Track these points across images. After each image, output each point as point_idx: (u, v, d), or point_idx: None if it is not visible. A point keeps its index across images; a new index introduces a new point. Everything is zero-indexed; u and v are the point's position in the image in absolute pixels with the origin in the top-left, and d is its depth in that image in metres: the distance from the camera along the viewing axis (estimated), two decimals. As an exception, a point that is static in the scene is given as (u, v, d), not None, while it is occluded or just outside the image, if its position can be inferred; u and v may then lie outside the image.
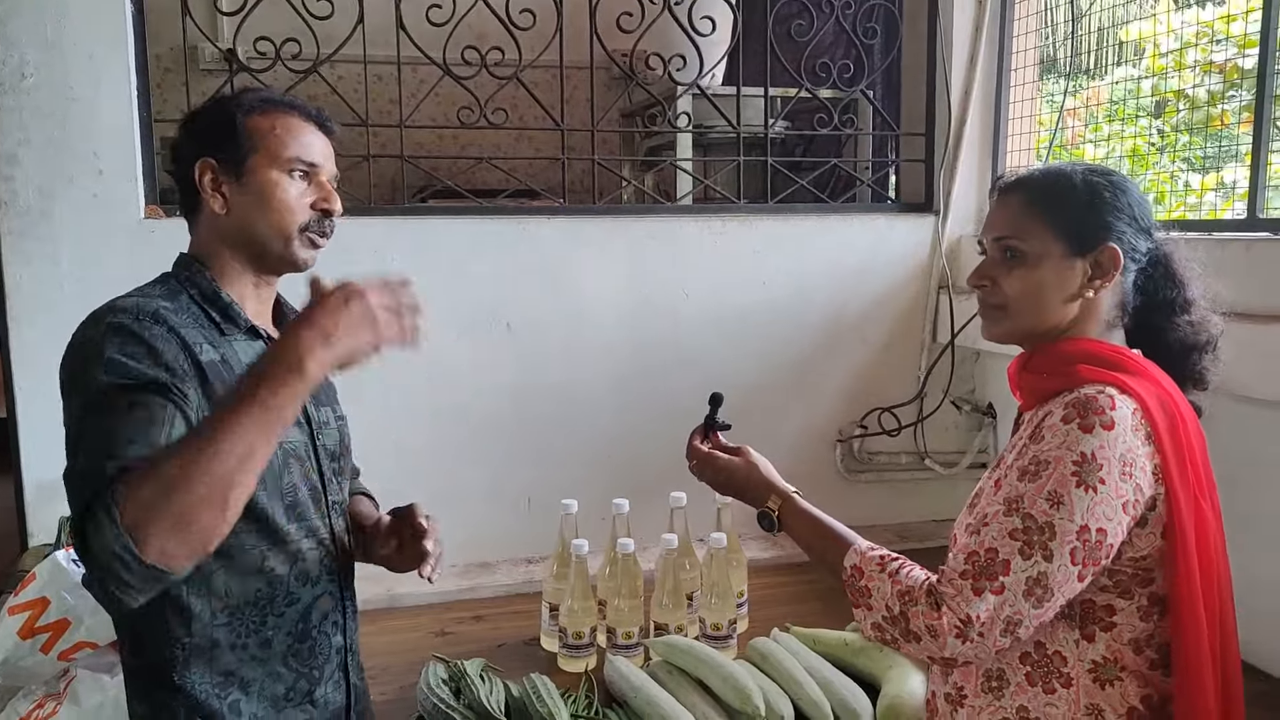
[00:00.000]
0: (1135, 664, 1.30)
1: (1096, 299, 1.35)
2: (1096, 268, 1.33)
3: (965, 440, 3.06)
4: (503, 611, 2.43)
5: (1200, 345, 1.37)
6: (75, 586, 1.85)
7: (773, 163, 2.93)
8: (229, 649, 1.34)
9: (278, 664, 1.38)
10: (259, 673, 1.36)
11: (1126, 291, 1.37)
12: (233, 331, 1.38)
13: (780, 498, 1.49)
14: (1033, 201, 1.37)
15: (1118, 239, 1.33)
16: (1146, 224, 1.36)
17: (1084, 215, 1.34)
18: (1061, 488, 1.22)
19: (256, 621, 1.36)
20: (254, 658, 1.36)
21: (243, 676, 1.35)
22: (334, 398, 1.57)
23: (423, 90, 2.69)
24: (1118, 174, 1.39)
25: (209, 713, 1.32)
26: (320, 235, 1.43)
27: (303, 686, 1.41)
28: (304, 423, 1.44)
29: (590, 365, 2.74)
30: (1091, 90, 3.18)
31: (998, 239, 1.38)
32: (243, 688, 1.35)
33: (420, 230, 2.60)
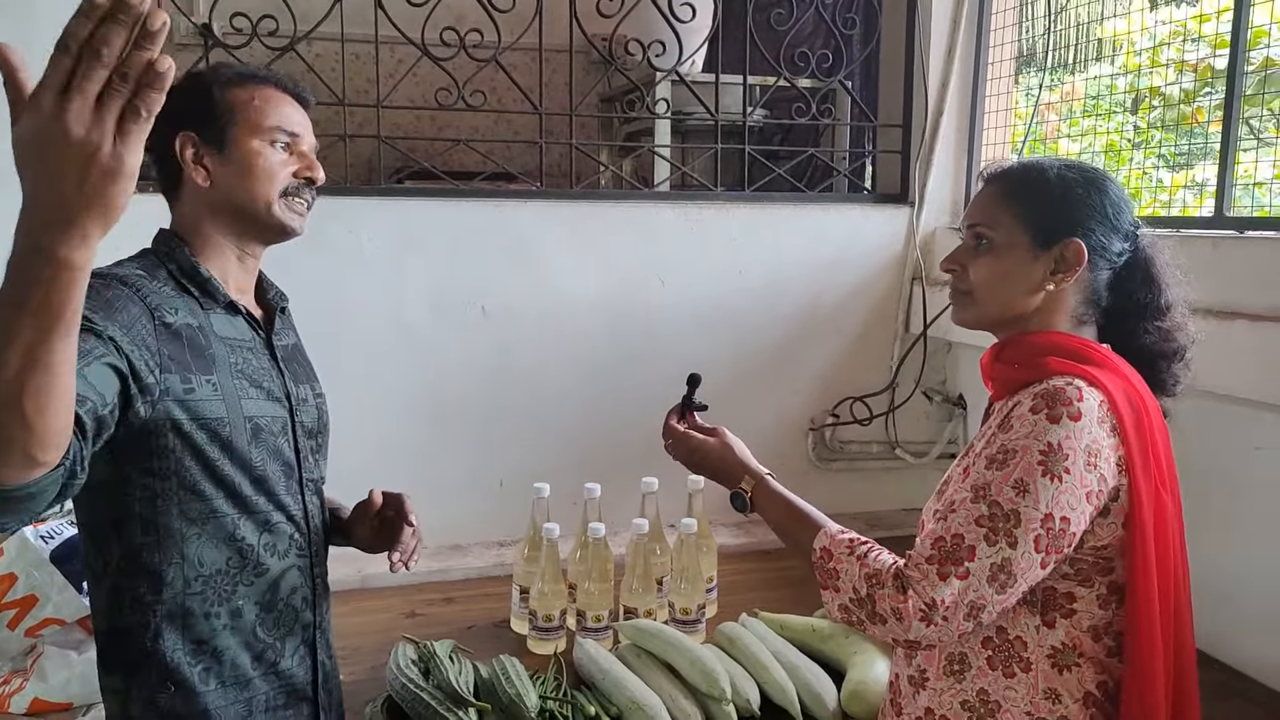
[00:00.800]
0: (1093, 650, 1.33)
1: (1061, 293, 1.37)
2: (1061, 262, 1.35)
3: (936, 430, 3.09)
4: (473, 594, 2.44)
5: (1170, 353, 1.39)
6: (43, 563, 1.84)
7: (750, 151, 2.94)
8: (201, 617, 1.35)
9: (247, 633, 1.40)
10: (230, 641, 1.38)
11: (1097, 289, 1.39)
12: (211, 306, 1.39)
13: (753, 479, 1.51)
14: (1006, 193, 1.39)
15: (1085, 235, 1.34)
16: (1123, 225, 1.37)
17: (1053, 210, 1.36)
18: (1028, 476, 1.25)
19: (227, 590, 1.37)
20: (225, 626, 1.37)
21: (215, 645, 1.36)
22: (313, 375, 1.58)
23: (400, 70, 2.68)
24: (1099, 172, 1.41)
25: (180, 679, 1.34)
26: (302, 201, 1.44)
27: (269, 657, 1.43)
28: (283, 399, 1.45)
29: (565, 349, 2.74)
30: (1069, 85, 3.21)
31: (970, 226, 1.41)
32: (215, 656, 1.36)
33: (396, 211, 2.59)
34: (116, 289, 1.26)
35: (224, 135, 1.39)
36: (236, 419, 1.35)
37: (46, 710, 1.83)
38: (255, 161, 1.39)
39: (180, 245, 1.40)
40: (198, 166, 1.38)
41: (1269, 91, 2.33)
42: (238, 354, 1.39)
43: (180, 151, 1.38)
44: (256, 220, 1.41)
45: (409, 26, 2.58)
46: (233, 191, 1.39)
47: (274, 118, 1.41)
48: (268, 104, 1.42)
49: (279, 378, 1.46)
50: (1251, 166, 2.33)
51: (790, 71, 2.93)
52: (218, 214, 1.40)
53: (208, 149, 1.39)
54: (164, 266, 1.38)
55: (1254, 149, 2.35)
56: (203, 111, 1.39)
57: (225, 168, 1.39)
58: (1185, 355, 1.40)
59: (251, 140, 1.39)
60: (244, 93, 1.41)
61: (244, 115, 1.40)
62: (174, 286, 1.36)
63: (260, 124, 1.40)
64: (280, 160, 1.41)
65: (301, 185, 1.43)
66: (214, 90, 1.40)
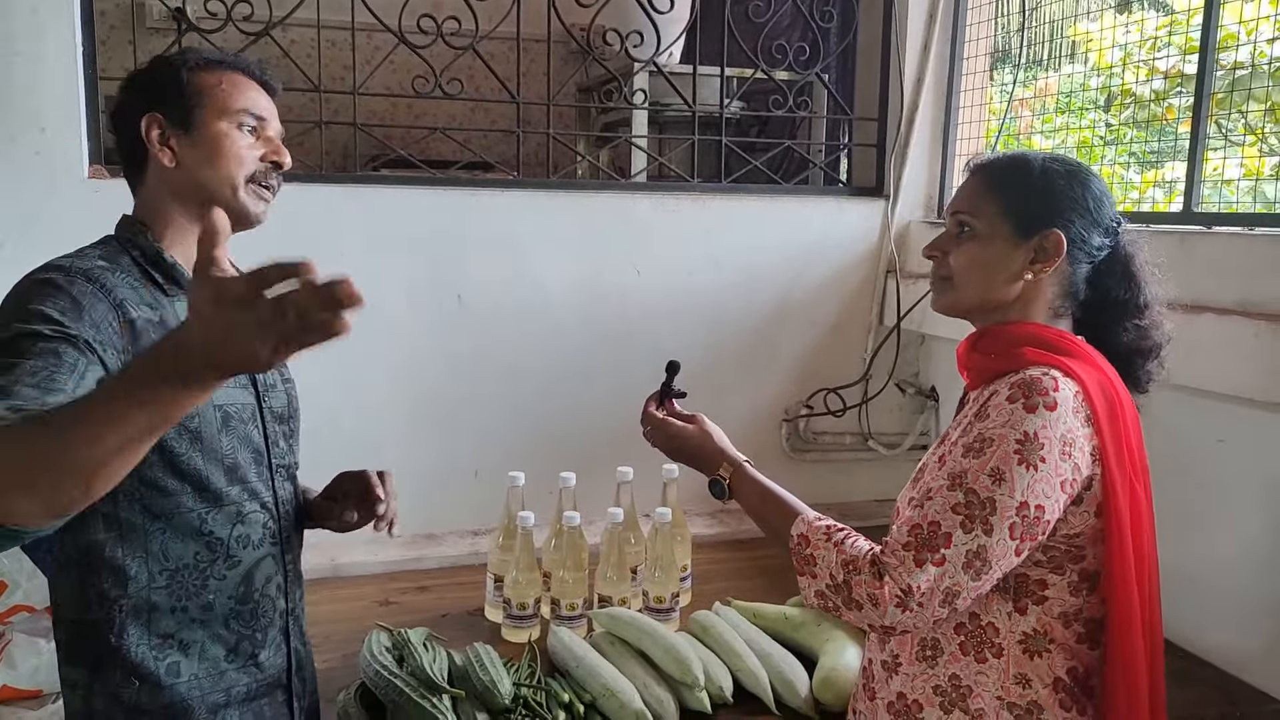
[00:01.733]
0: (1064, 637, 1.35)
1: (1039, 283, 1.39)
2: (1040, 252, 1.37)
3: (908, 422, 3.12)
4: (447, 582, 2.44)
5: (1146, 350, 1.41)
6: (12, 550, 1.83)
7: (727, 142, 2.95)
8: (168, 611, 1.34)
9: (219, 626, 1.38)
10: (200, 634, 1.37)
11: (1075, 282, 1.40)
12: (176, 292, 1.38)
13: (732, 465, 1.52)
14: (990, 182, 1.41)
15: (1065, 227, 1.36)
16: (1103, 219, 1.39)
17: (1034, 200, 1.38)
18: (1004, 464, 1.26)
19: (197, 585, 1.36)
20: (194, 620, 1.36)
21: (182, 638, 1.35)
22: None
23: (377, 57, 2.66)
24: (1082, 166, 1.43)
25: (145, 674, 1.33)
26: (267, 188, 1.43)
27: (246, 648, 1.42)
28: (249, 384, 1.44)
29: (540, 339, 2.74)
30: (1044, 82, 3.24)
31: (954, 213, 1.43)
32: (182, 649, 1.35)
33: (372, 199, 2.58)
34: (81, 286, 1.25)
35: (191, 117, 1.38)
36: (205, 409, 1.35)
37: (14, 698, 1.82)
38: (222, 143, 1.38)
39: (143, 230, 1.39)
40: (163, 147, 1.38)
41: (1237, 92, 2.37)
42: None
43: (146, 131, 1.37)
44: (220, 204, 1.39)
45: (386, 13, 2.57)
46: (199, 172, 1.38)
47: (241, 101, 1.40)
48: (235, 88, 1.41)
49: None
50: (1220, 165, 2.36)
51: (767, 64, 2.93)
52: (182, 196, 1.40)
53: (174, 130, 1.38)
54: (127, 253, 1.37)
55: (1223, 148, 2.38)
56: (170, 93, 1.38)
57: (192, 149, 1.38)
58: (1160, 353, 1.43)
59: (219, 122, 1.38)
60: (212, 76, 1.40)
61: (211, 98, 1.39)
62: (138, 273, 1.35)
63: (228, 106, 1.39)
64: (247, 144, 1.40)
65: (268, 169, 1.42)
66: (182, 72, 1.39)
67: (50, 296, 1.22)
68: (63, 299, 1.22)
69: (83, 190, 2.32)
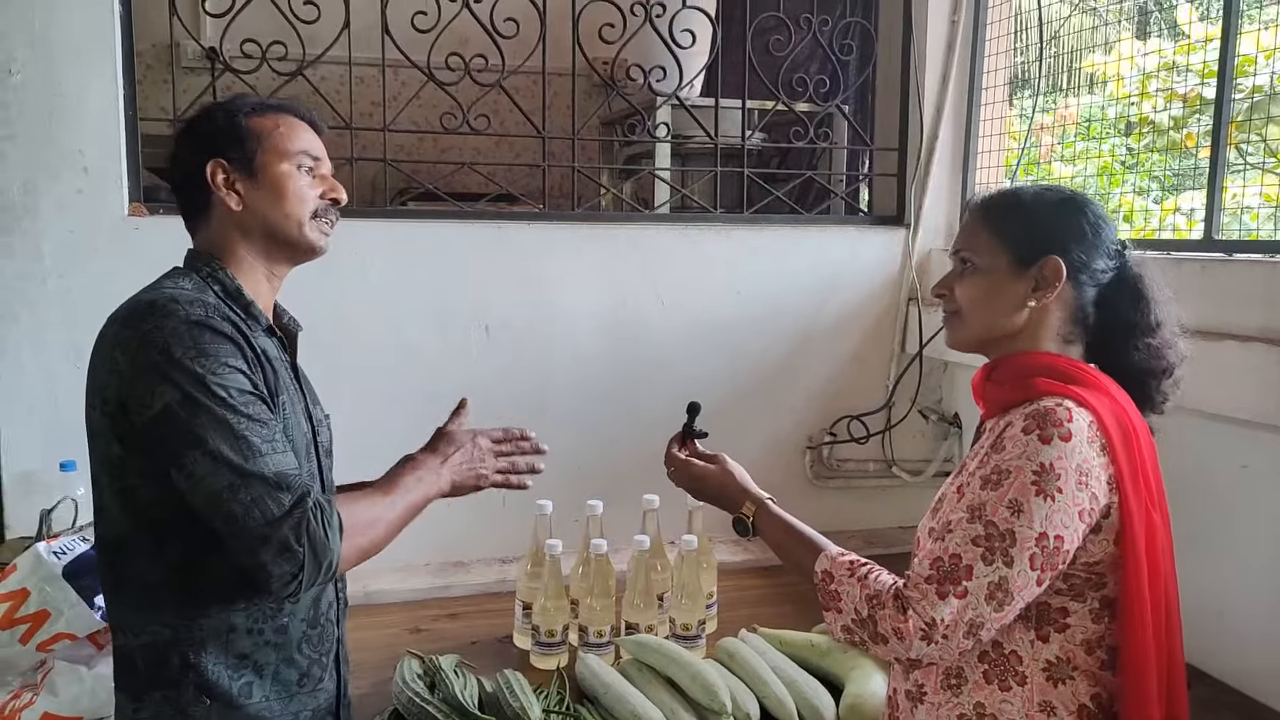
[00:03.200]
0: (1086, 664, 1.36)
1: (1045, 310, 1.41)
2: (1041, 279, 1.39)
3: (931, 449, 3.13)
4: (476, 610, 2.47)
5: (1159, 370, 1.42)
6: (55, 578, 1.87)
7: (749, 174, 2.99)
8: (245, 633, 1.37)
9: (293, 650, 1.42)
10: (274, 658, 1.40)
11: (1082, 307, 1.42)
12: (254, 329, 1.42)
13: (754, 504, 1.54)
14: (986, 218, 1.44)
15: (1063, 253, 1.39)
16: (1103, 242, 1.41)
17: (1029, 229, 1.41)
18: (1022, 496, 1.28)
19: (274, 607, 1.39)
20: (269, 643, 1.39)
21: (256, 660, 1.38)
22: (315, 397, 1.61)
23: (406, 94, 2.73)
24: (1075, 193, 1.46)
25: (219, 693, 1.35)
26: (329, 222, 1.50)
27: (315, 673, 1.45)
28: (306, 418, 1.48)
29: (567, 368, 2.78)
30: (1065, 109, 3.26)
31: (955, 251, 1.46)
32: (256, 670, 1.38)
33: (400, 232, 2.63)
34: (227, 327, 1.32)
35: (253, 160, 1.43)
36: (298, 435, 1.41)
37: (56, 724, 1.85)
38: (286, 184, 1.44)
39: (220, 266, 1.44)
40: (230, 191, 1.43)
41: (1256, 118, 2.39)
42: (282, 374, 1.43)
43: (211, 177, 1.42)
44: (288, 240, 1.46)
45: (415, 51, 2.63)
46: (266, 213, 1.44)
47: (298, 143, 1.47)
48: (291, 130, 1.47)
49: (304, 398, 1.50)
50: (1240, 192, 2.37)
51: (788, 96, 2.98)
52: (249, 235, 1.45)
53: (239, 174, 1.43)
54: (209, 289, 1.41)
55: (1241, 172, 2.40)
56: (231, 139, 1.43)
57: (257, 190, 1.43)
58: (1175, 373, 1.43)
59: (280, 164, 1.44)
60: (267, 120, 1.46)
61: (271, 141, 1.45)
62: (225, 309, 1.39)
63: (287, 149, 1.45)
64: (307, 183, 1.47)
65: (328, 206, 1.49)
66: (239, 118, 1.45)
67: (220, 343, 1.30)
68: (230, 344, 1.31)
69: (123, 228, 2.39)
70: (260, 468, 1.26)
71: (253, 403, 1.29)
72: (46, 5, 2.31)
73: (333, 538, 1.27)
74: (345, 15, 2.58)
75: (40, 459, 2.31)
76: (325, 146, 1.54)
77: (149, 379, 1.26)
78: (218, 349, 1.29)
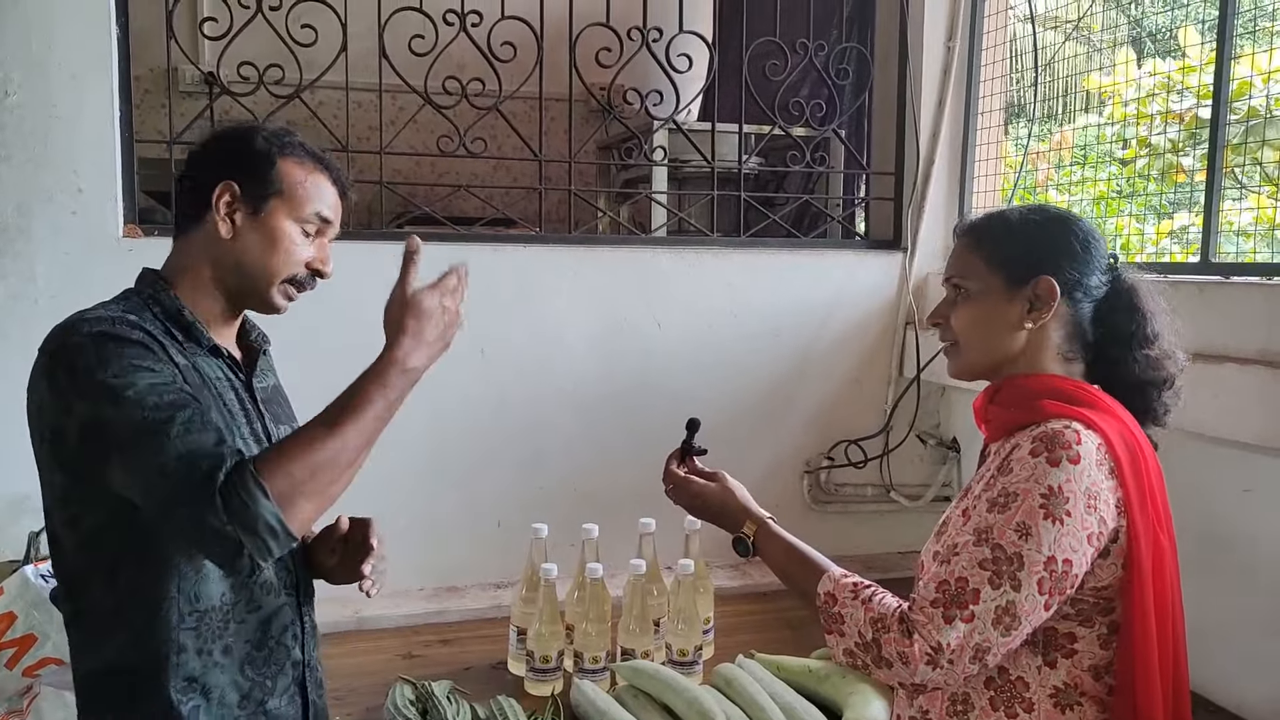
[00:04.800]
0: (1095, 690, 1.33)
1: (1042, 330, 1.40)
2: (1035, 300, 1.38)
3: (930, 474, 3.11)
4: (470, 635, 2.44)
5: (1159, 381, 1.41)
6: (42, 602, 1.85)
7: (746, 198, 2.99)
8: (195, 654, 1.35)
9: (236, 672, 1.39)
10: (220, 679, 1.37)
11: (1080, 324, 1.41)
12: (194, 350, 1.39)
13: (755, 523, 1.52)
14: (975, 242, 1.44)
15: (1055, 272, 1.38)
16: (1094, 258, 1.40)
17: (1019, 250, 1.40)
18: (1030, 519, 1.26)
19: (220, 627, 1.37)
20: (216, 664, 1.37)
21: (205, 683, 1.36)
22: (292, 415, 1.58)
23: (403, 118, 2.73)
24: (1062, 212, 1.45)
25: (176, 716, 1.33)
26: (299, 290, 1.46)
27: (257, 695, 1.42)
28: (263, 438, 1.46)
29: (563, 392, 2.76)
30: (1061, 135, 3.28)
31: (947, 279, 1.45)
32: (204, 693, 1.36)
33: (396, 255, 2.60)
34: (130, 331, 1.28)
35: (264, 201, 1.40)
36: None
37: (42, 751, 1.82)
38: (280, 240, 1.41)
39: (165, 287, 1.41)
40: (227, 218, 1.40)
41: (1252, 141, 2.39)
42: (224, 394, 1.41)
43: (217, 197, 1.39)
44: (252, 289, 1.43)
45: (412, 75, 2.64)
46: (246, 255, 1.41)
47: (315, 205, 1.43)
48: (315, 190, 1.44)
49: (259, 419, 1.47)
50: (1236, 214, 2.38)
51: (785, 120, 2.99)
52: (220, 266, 1.42)
53: (243, 206, 1.40)
54: (148, 309, 1.38)
55: (1238, 198, 2.40)
56: (254, 169, 1.40)
57: (252, 232, 1.40)
58: (1175, 383, 1.42)
59: (286, 219, 1.41)
60: (300, 169, 1.43)
61: (291, 192, 1.42)
62: (160, 329, 1.36)
63: (302, 209, 1.42)
64: (301, 245, 1.44)
65: (309, 276, 1.46)
66: (273, 154, 1.42)
67: (125, 347, 1.26)
68: (136, 347, 1.26)
69: (117, 249, 2.38)
70: (166, 459, 1.20)
71: (164, 392, 1.24)
72: (44, 28, 2.31)
73: (255, 504, 1.17)
74: (343, 39, 2.59)
75: (30, 482, 2.27)
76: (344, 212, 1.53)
77: (63, 401, 1.25)
78: (121, 352, 1.25)
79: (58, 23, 2.32)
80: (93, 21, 2.35)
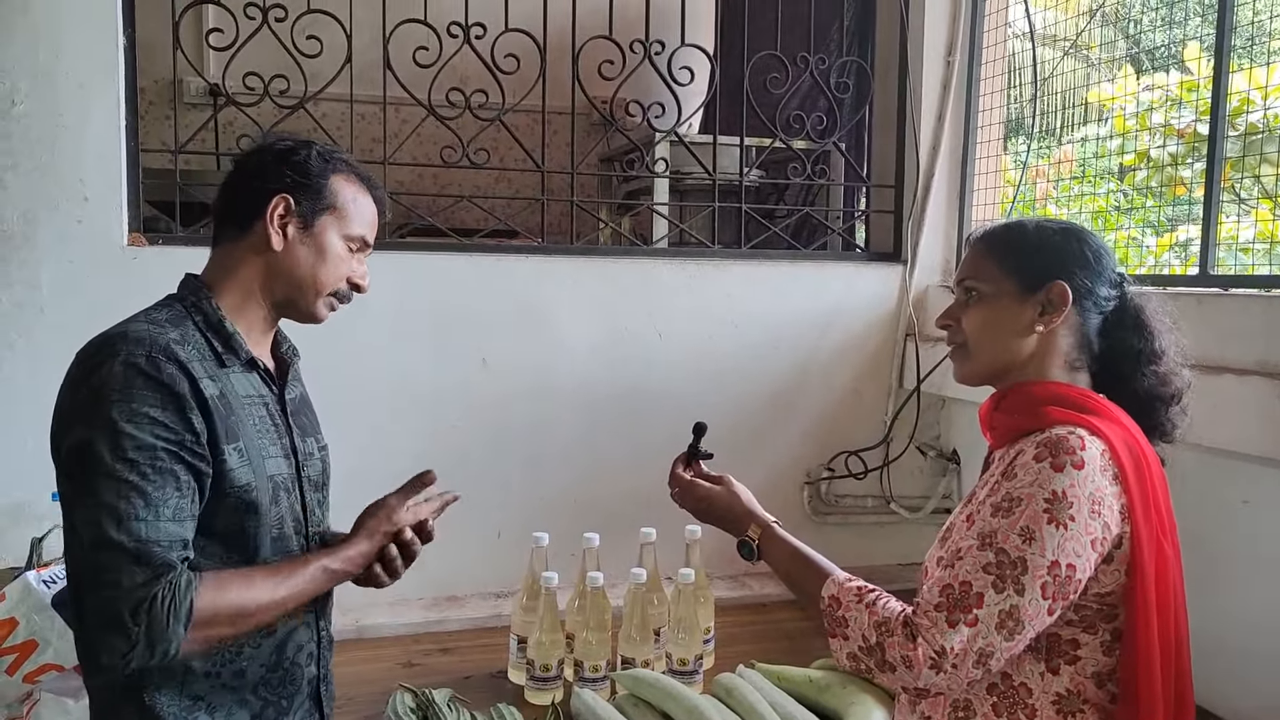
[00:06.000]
0: (1097, 697, 1.34)
1: (1051, 336, 1.41)
2: (1047, 304, 1.40)
3: (930, 485, 3.11)
4: (470, 644, 2.44)
5: (1167, 397, 1.42)
6: (44, 608, 1.84)
7: (747, 210, 3.00)
8: (202, 676, 1.35)
9: (247, 692, 1.39)
10: (227, 699, 1.37)
11: (1087, 335, 1.42)
12: (232, 362, 1.40)
13: (760, 526, 1.53)
14: (990, 247, 1.45)
15: (1068, 278, 1.39)
16: (1105, 270, 1.42)
17: (1032, 255, 1.41)
18: (1034, 524, 1.27)
19: (233, 652, 1.37)
20: (225, 685, 1.37)
21: (210, 701, 1.36)
22: (317, 427, 1.59)
23: (406, 129, 2.75)
24: (1076, 225, 1.47)
25: None
26: (341, 303, 1.50)
27: (269, 715, 1.42)
28: (290, 454, 1.46)
29: (564, 401, 2.77)
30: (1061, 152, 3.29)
31: (960, 281, 1.46)
32: (209, 711, 1.36)
33: (400, 265, 2.63)
34: (169, 370, 1.29)
35: (317, 215, 1.44)
36: (261, 481, 1.38)
37: (42, 758, 1.82)
38: (329, 254, 1.45)
39: (208, 296, 1.42)
40: (279, 230, 1.42)
41: (1250, 156, 2.40)
42: (255, 412, 1.41)
43: (272, 208, 1.41)
44: (299, 299, 1.46)
45: (416, 87, 2.65)
46: (297, 268, 1.44)
47: (362, 225, 1.48)
48: (363, 211, 1.49)
49: (288, 434, 1.48)
50: (1234, 230, 2.39)
51: (785, 133, 3.00)
52: (271, 276, 1.44)
53: (297, 220, 1.43)
54: (190, 318, 1.39)
55: (1236, 214, 2.41)
56: (310, 185, 1.44)
57: (303, 245, 1.43)
58: (1182, 399, 1.43)
59: (336, 235, 1.46)
60: (350, 188, 1.47)
61: (343, 209, 1.46)
62: (201, 342, 1.37)
63: (351, 226, 1.47)
64: (345, 263, 1.47)
65: (349, 291, 1.50)
66: (328, 171, 1.45)
67: (148, 390, 1.26)
68: (160, 393, 1.26)
69: (122, 258, 2.39)
70: (125, 535, 1.22)
71: (158, 459, 1.25)
72: (52, 38, 2.33)
73: (174, 626, 1.22)
74: (347, 50, 2.61)
75: (33, 488, 2.29)
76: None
77: (73, 416, 1.27)
78: (145, 396, 1.26)
79: (65, 33, 2.33)
80: (100, 32, 2.36)
